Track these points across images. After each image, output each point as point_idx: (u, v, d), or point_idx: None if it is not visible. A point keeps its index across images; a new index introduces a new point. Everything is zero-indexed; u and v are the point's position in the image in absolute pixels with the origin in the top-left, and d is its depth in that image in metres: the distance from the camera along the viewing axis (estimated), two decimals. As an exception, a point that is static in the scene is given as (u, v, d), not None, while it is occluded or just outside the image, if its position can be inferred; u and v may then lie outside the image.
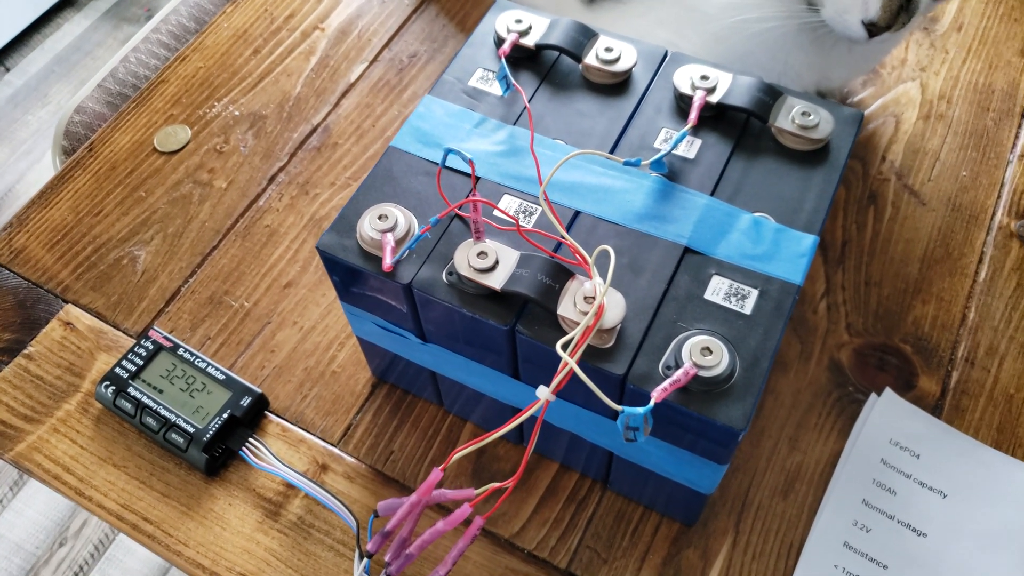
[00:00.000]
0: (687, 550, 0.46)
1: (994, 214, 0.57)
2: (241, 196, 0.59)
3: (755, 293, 0.38)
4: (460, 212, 0.40)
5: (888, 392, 0.50)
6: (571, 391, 0.39)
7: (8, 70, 1.73)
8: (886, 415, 0.49)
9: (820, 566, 0.45)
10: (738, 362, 0.36)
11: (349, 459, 0.49)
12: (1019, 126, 0.60)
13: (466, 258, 0.38)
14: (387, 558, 0.35)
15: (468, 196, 0.40)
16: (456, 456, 0.35)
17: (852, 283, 0.54)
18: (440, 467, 0.35)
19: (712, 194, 0.40)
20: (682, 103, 0.43)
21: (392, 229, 0.39)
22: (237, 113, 0.63)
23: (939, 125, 0.61)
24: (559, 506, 0.47)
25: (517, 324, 0.37)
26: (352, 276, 0.41)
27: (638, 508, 0.47)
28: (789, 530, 0.46)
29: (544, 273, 0.37)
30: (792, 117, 0.41)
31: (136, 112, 0.64)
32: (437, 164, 0.42)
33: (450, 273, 0.38)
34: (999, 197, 0.57)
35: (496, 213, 0.40)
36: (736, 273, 0.38)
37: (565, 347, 0.34)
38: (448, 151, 0.39)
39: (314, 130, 0.62)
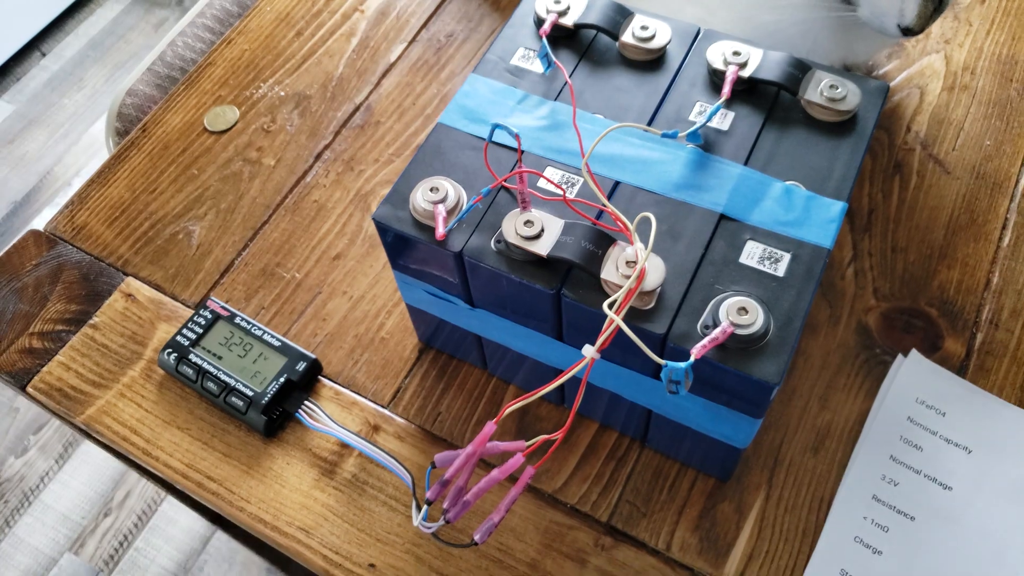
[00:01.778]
0: (722, 503, 0.48)
1: (1017, 182, 0.58)
2: (289, 173, 0.62)
3: (787, 257, 0.40)
4: (507, 184, 0.43)
5: (914, 353, 0.52)
6: (613, 351, 0.41)
7: (44, 55, 1.76)
8: (913, 375, 0.51)
9: (850, 518, 0.47)
10: (772, 321, 0.38)
11: (399, 420, 0.52)
12: (1044, 96, 0.62)
13: (513, 226, 0.40)
14: (445, 505, 0.38)
15: (514, 168, 0.42)
16: (508, 410, 0.37)
17: (879, 249, 0.56)
18: (494, 420, 0.38)
19: (745, 164, 0.42)
20: (715, 78, 0.45)
21: (443, 200, 0.42)
22: (283, 93, 0.66)
23: (963, 96, 0.62)
24: (599, 463, 0.50)
25: (563, 288, 0.40)
26: (405, 245, 0.43)
27: (675, 465, 0.49)
28: (820, 484, 0.49)
29: (588, 240, 0.39)
30: (821, 90, 0.43)
31: (186, 94, 0.67)
32: (483, 139, 0.44)
33: (498, 241, 0.41)
34: (1022, 165, 0.59)
35: (541, 184, 0.42)
36: (769, 238, 0.40)
37: (611, 307, 0.36)
38: (495, 126, 0.42)
39: (357, 109, 0.65)
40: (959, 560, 0.46)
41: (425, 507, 0.39)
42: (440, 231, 0.40)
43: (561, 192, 0.41)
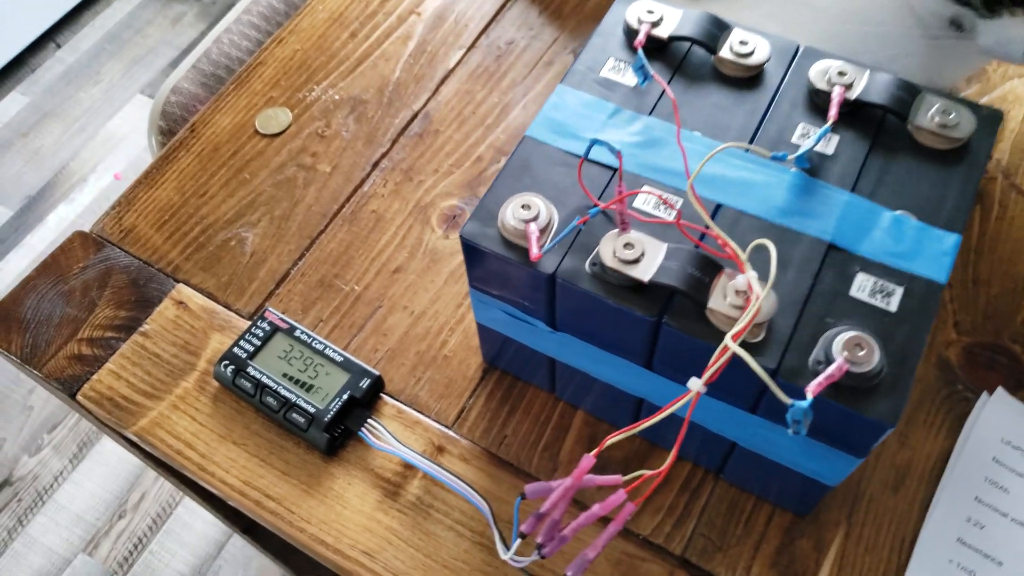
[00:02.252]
0: (800, 540, 0.46)
1: (1100, 214, 0.57)
2: (346, 181, 0.60)
3: (900, 291, 0.38)
4: (601, 202, 0.41)
5: (1000, 391, 0.50)
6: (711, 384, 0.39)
7: (60, 47, 1.74)
8: (998, 414, 0.49)
9: (935, 560, 0.45)
10: (886, 359, 0.36)
11: (464, 441, 0.50)
12: (1123, 126, 0.60)
13: (612, 249, 0.38)
14: (539, 539, 0.36)
15: (615, 187, 0.40)
16: (609, 442, 0.36)
17: (959, 281, 0.54)
18: (593, 453, 0.36)
19: (852, 191, 0.41)
20: (816, 98, 0.44)
21: (535, 219, 0.40)
22: (337, 97, 0.64)
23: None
24: (673, 494, 0.48)
25: (664, 316, 0.38)
26: (492, 264, 0.41)
27: (750, 498, 0.48)
28: (901, 524, 0.47)
29: (693, 266, 0.37)
30: (932, 115, 0.41)
31: (236, 94, 0.65)
32: (574, 155, 0.43)
33: (594, 263, 0.39)
34: (1104, 197, 0.57)
35: (637, 203, 0.41)
36: (880, 270, 0.39)
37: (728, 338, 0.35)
38: (593, 141, 0.40)
39: (415, 116, 0.63)
40: (1052, 608, 0.44)
41: (517, 540, 0.37)
42: (535, 252, 0.39)
43: (675, 213, 0.39)
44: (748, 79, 0.45)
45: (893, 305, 0.38)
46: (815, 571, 0.46)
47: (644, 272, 0.38)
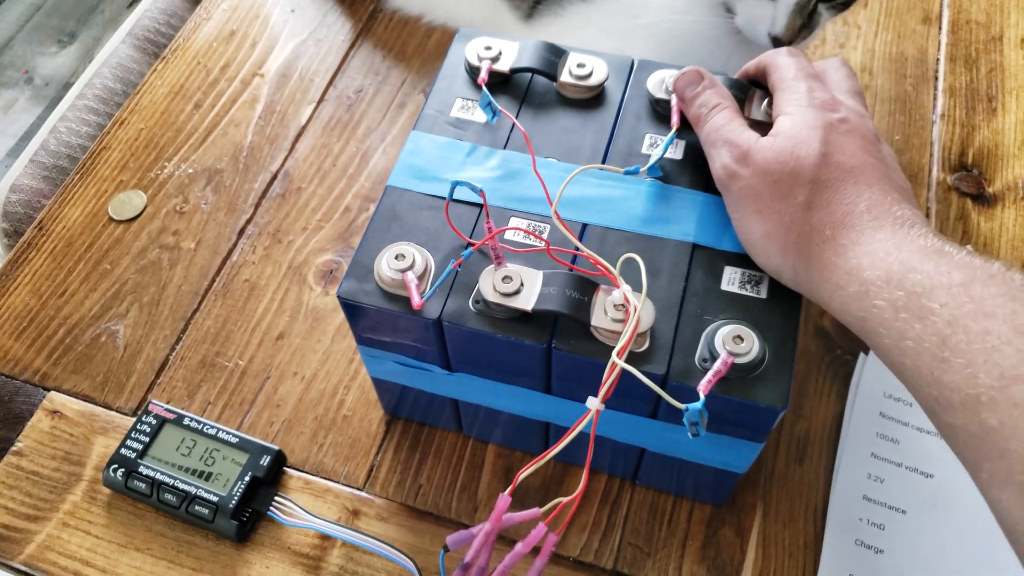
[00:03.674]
0: (722, 529, 0.48)
1: (930, 171, 0.61)
2: (213, 254, 0.58)
3: (767, 277, 0.40)
4: (472, 240, 0.41)
5: (874, 350, 0.53)
6: (609, 398, 0.40)
7: None
8: (876, 371, 0.52)
9: (847, 522, 0.48)
10: (766, 345, 0.38)
11: (378, 500, 0.49)
12: (935, 88, 0.65)
13: (491, 284, 0.39)
14: (469, 589, 0.36)
15: (484, 224, 0.41)
16: (521, 476, 0.36)
17: (820, 253, 0.57)
18: (507, 492, 0.36)
19: (706, 191, 0.42)
20: (658, 107, 0.45)
21: (411, 267, 0.39)
22: (191, 171, 0.62)
23: (866, 95, 0.65)
24: (594, 509, 0.48)
25: (553, 341, 0.38)
26: (375, 319, 0.41)
27: (669, 497, 0.49)
28: (811, 493, 0.49)
29: (572, 288, 0.38)
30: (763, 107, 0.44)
31: (82, 183, 0.62)
32: (439, 197, 0.43)
33: (477, 301, 0.39)
34: (931, 155, 0.62)
35: (511, 237, 0.41)
36: (745, 261, 0.40)
37: (612, 355, 0.35)
38: (455, 183, 0.40)
39: (274, 177, 0.62)
40: (957, 544, 0.47)
41: (446, 595, 0.36)
42: (417, 300, 0.38)
43: (544, 243, 0.40)
44: (591, 99, 0.46)
45: (763, 292, 0.40)
46: (741, 557, 0.47)
47: (526, 302, 0.38)
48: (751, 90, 0.44)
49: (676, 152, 0.44)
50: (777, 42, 0.53)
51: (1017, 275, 0.32)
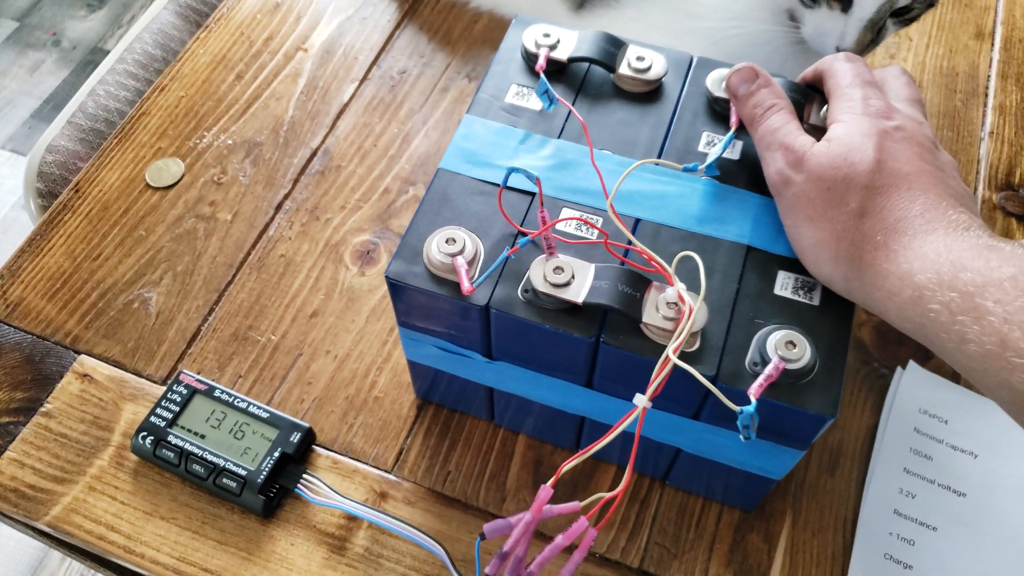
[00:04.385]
0: (751, 535, 0.47)
1: (976, 189, 0.60)
2: (249, 227, 0.58)
3: (820, 284, 0.39)
4: (524, 229, 0.40)
5: (912, 364, 0.53)
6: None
7: (-95, 108, 1.61)
8: (913, 386, 0.52)
9: (876, 535, 0.47)
10: (817, 352, 0.37)
11: (406, 484, 0.48)
12: (984, 105, 0.65)
13: (542, 274, 0.38)
14: (505, 579, 0.35)
15: (536, 212, 0.40)
16: (565, 468, 0.35)
17: (861, 264, 0.57)
18: (550, 483, 0.36)
19: (762, 192, 0.42)
20: (716, 106, 0.45)
21: (462, 252, 0.39)
22: (230, 142, 0.62)
23: (914, 108, 0.64)
24: (623, 507, 0.48)
25: (602, 335, 0.38)
26: (423, 302, 0.40)
27: (698, 500, 0.48)
28: (841, 504, 0.48)
29: (624, 283, 0.37)
30: (823, 115, 0.43)
31: (120, 148, 0.61)
32: (490, 183, 0.42)
33: (526, 290, 0.39)
34: (978, 173, 0.61)
35: (562, 228, 0.41)
36: (799, 266, 0.40)
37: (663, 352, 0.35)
38: (511, 170, 0.40)
39: (314, 154, 0.61)
40: (985, 564, 0.46)
41: (481, 584, 0.36)
42: (467, 286, 0.38)
43: (604, 235, 0.39)
44: (648, 93, 0.45)
45: (816, 299, 0.39)
46: (768, 564, 0.47)
47: (577, 294, 0.38)
48: (811, 95, 0.44)
49: (733, 152, 0.43)
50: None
51: None
